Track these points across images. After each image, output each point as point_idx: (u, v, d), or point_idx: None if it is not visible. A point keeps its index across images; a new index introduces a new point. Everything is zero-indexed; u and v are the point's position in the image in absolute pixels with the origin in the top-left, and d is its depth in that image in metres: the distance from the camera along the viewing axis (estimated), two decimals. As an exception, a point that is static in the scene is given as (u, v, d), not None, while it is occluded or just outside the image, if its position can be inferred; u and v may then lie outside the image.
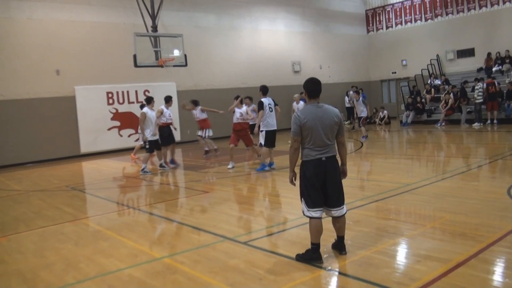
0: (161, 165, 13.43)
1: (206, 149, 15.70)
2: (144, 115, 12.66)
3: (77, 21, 18.52)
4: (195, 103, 15.62)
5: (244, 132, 12.61)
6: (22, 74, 17.25)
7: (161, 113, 13.40)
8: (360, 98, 17.97)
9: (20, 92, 17.23)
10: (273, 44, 24.41)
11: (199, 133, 15.51)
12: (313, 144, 4.93)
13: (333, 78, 26.30)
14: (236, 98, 12.67)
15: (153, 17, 18.15)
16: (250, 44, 23.58)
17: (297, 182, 5.18)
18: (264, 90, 11.79)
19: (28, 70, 17.41)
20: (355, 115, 21.20)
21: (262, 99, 11.62)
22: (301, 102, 17.59)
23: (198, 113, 15.47)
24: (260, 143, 11.72)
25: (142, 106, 14.43)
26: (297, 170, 5.19)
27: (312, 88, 5.06)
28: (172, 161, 14.06)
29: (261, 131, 11.67)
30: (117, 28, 19.18)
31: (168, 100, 13.98)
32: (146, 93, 19.58)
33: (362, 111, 17.81)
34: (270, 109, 11.60)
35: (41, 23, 17.76)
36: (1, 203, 10.16)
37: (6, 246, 6.73)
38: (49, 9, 17.94)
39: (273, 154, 12.14)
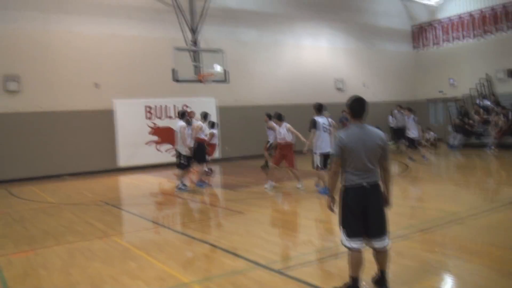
0: (183, 184, 12.85)
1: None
2: (185, 128, 12.55)
3: (117, 35, 18.84)
4: (213, 124, 15.33)
5: (288, 151, 11.91)
6: (61, 87, 17.62)
7: (200, 129, 13.26)
8: (412, 116, 17.17)
9: (59, 105, 17.57)
10: (315, 60, 24.24)
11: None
12: (355, 168, 4.68)
13: (377, 97, 25.72)
14: (269, 116, 12.18)
15: (194, 31, 18.57)
16: (292, 59, 23.46)
17: (337, 208, 4.90)
18: (319, 108, 11.08)
19: (67, 83, 17.76)
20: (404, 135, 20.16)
21: (316, 118, 10.94)
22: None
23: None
24: (317, 166, 11.02)
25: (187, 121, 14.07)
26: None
27: (357, 108, 4.80)
28: (203, 181, 13.47)
29: (315, 153, 11.04)
30: (156, 42, 19.36)
31: (205, 116, 13.95)
32: (185, 108, 19.45)
33: (413, 131, 16.98)
34: (325, 130, 10.88)
35: (81, 36, 18.14)
36: (33, 215, 10.22)
37: (32, 261, 6.68)
38: (89, 23, 18.30)
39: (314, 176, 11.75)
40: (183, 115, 12.99)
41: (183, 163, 12.71)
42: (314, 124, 10.87)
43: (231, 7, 21.63)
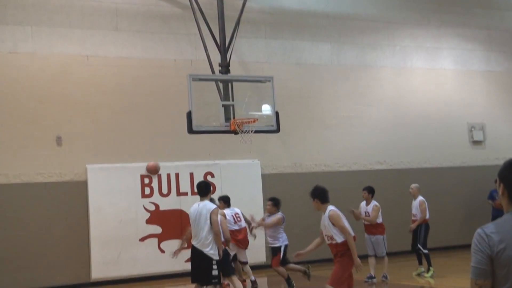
0: None
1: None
2: (219, 213, 12.49)
3: (96, 57, 17.93)
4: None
5: (339, 262, 10.41)
6: (-2, 144, 16.72)
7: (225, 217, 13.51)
8: None
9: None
10: (432, 93, 22.42)
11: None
12: (519, 295, 3.80)
13: (548, 155, 23.15)
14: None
15: (224, 49, 17.78)
16: (391, 93, 21.72)
17: None
18: None
19: (8, 138, 16.82)
20: None
21: None
22: (420, 197, 15.36)
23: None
24: None
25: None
26: None
27: None
28: None
29: None
30: (162, 67, 18.51)
31: (227, 200, 14.74)
32: (208, 177, 18.43)
33: None
34: None
35: (35, 60, 17.39)
36: None
37: None
38: (49, 38, 17.67)
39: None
40: (205, 191, 12.40)
41: (212, 275, 11.82)
42: None
43: (288, 8, 20.53)
